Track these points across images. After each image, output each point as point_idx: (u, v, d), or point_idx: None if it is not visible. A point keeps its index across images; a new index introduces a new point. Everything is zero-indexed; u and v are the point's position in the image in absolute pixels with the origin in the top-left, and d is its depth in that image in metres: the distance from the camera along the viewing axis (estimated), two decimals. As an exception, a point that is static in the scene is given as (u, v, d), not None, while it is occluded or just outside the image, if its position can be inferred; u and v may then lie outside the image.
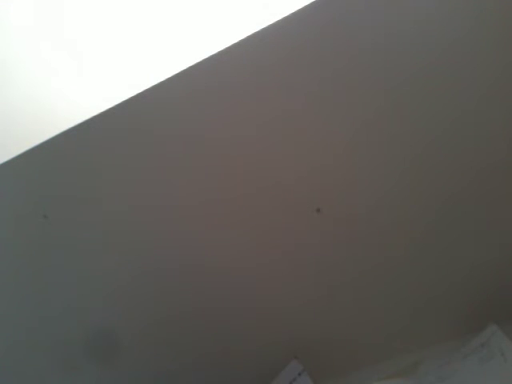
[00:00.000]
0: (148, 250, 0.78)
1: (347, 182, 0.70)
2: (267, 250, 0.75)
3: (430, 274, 0.71)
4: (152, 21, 0.75)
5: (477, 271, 0.70)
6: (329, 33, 0.65)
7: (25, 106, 0.79)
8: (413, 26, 0.63)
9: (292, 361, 0.76)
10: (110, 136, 0.74)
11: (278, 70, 0.67)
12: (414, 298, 0.73)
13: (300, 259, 0.74)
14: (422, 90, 0.65)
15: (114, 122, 0.72)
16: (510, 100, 0.64)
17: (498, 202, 0.68)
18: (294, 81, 0.67)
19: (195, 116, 0.71)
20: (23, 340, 0.85)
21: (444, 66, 0.64)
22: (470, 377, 0.65)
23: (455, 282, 0.71)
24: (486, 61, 0.63)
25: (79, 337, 0.83)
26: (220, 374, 0.81)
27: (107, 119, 0.72)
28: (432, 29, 0.63)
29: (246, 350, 0.79)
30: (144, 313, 0.81)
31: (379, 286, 0.73)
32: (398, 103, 0.66)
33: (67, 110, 0.76)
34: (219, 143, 0.71)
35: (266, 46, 0.66)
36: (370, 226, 0.71)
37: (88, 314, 0.82)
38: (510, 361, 0.62)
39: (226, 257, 0.76)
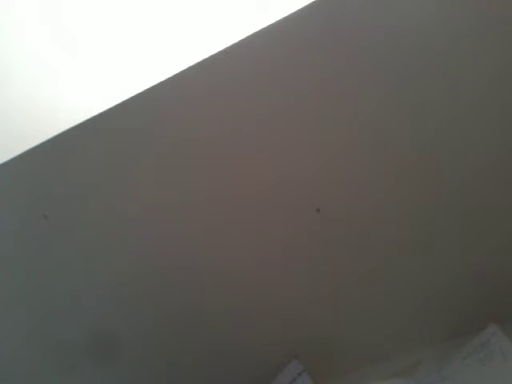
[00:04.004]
0: (148, 250, 0.78)
1: (347, 182, 0.70)
2: (267, 250, 0.75)
3: (430, 274, 0.71)
4: (152, 21, 0.75)
5: (477, 271, 0.70)
6: (329, 33, 0.65)
7: (25, 106, 0.79)
8: (413, 25, 0.63)
9: (292, 361, 0.76)
10: (110, 136, 0.74)
11: (277, 70, 0.67)
12: (414, 297, 0.72)
13: (300, 259, 0.74)
14: (422, 89, 0.65)
15: (114, 122, 0.72)
16: (510, 99, 0.64)
17: (498, 202, 0.68)
18: (293, 81, 0.67)
19: (195, 116, 0.71)
20: (23, 340, 0.85)
21: (444, 66, 0.64)
22: (469, 377, 0.65)
23: (455, 281, 0.71)
24: (487, 60, 0.63)
25: (79, 337, 0.83)
26: (220, 373, 0.81)
27: (107, 119, 0.72)
28: (432, 28, 0.63)
29: (246, 349, 0.79)
30: (143, 313, 0.81)
31: (379, 286, 0.73)
32: (397, 103, 0.66)
33: (67, 109, 0.76)
34: (219, 143, 0.71)
35: (266, 46, 0.66)
36: (370, 226, 0.71)
37: (88, 314, 0.82)
38: (510, 361, 0.62)
39: (226, 257, 0.76)
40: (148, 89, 0.69)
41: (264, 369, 0.77)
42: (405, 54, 0.64)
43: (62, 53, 0.79)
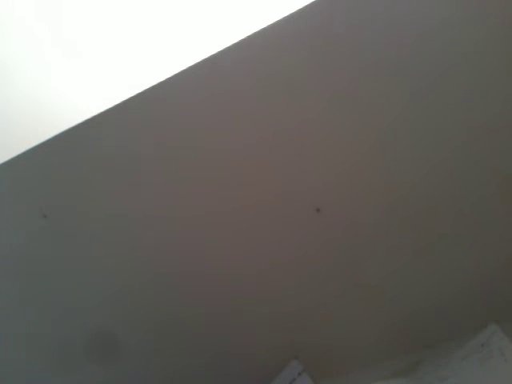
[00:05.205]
0: (148, 251, 0.78)
1: (347, 182, 0.70)
2: (267, 252, 0.75)
3: (430, 274, 0.71)
4: (152, 21, 0.75)
5: (477, 271, 0.70)
6: (329, 33, 0.65)
7: (25, 106, 0.79)
8: (413, 25, 0.63)
9: (292, 361, 0.76)
10: (110, 136, 0.74)
11: (277, 70, 0.67)
12: (414, 298, 0.72)
13: (300, 260, 0.74)
14: (423, 90, 0.65)
15: (114, 122, 0.72)
16: (510, 99, 0.64)
17: (498, 202, 0.68)
18: (293, 81, 0.67)
19: (195, 116, 0.71)
20: (23, 340, 0.85)
21: (445, 66, 0.64)
22: (469, 377, 0.65)
23: (455, 282, 0.71)
24: (489, 61, 0.63)
25: (79, 337, 0.83)
26: (220, 374, 0.81)
27: (107, 119, 0.72)
28: (432, 28, 0.63)
29: (247, 350, 0.79)
30: (145, 314, 0.81)
31: (379, 286, 0.73)
32: (398, 104, 0.66)
33: (67, 109, 0.76)
34: (219, 143, 0.71)
35: (266, 46, 0.66)
36: (370, 226, 0.71)
37: (88, 314, 0.82)
38: (510, 361, 0.62)
39: (227, 259, 0.76)
40: (148, 89, 0.70)
41: (264, 369, 0.77)
42: (405, 53, 0.64)
43: (62, 53, 0.79)
